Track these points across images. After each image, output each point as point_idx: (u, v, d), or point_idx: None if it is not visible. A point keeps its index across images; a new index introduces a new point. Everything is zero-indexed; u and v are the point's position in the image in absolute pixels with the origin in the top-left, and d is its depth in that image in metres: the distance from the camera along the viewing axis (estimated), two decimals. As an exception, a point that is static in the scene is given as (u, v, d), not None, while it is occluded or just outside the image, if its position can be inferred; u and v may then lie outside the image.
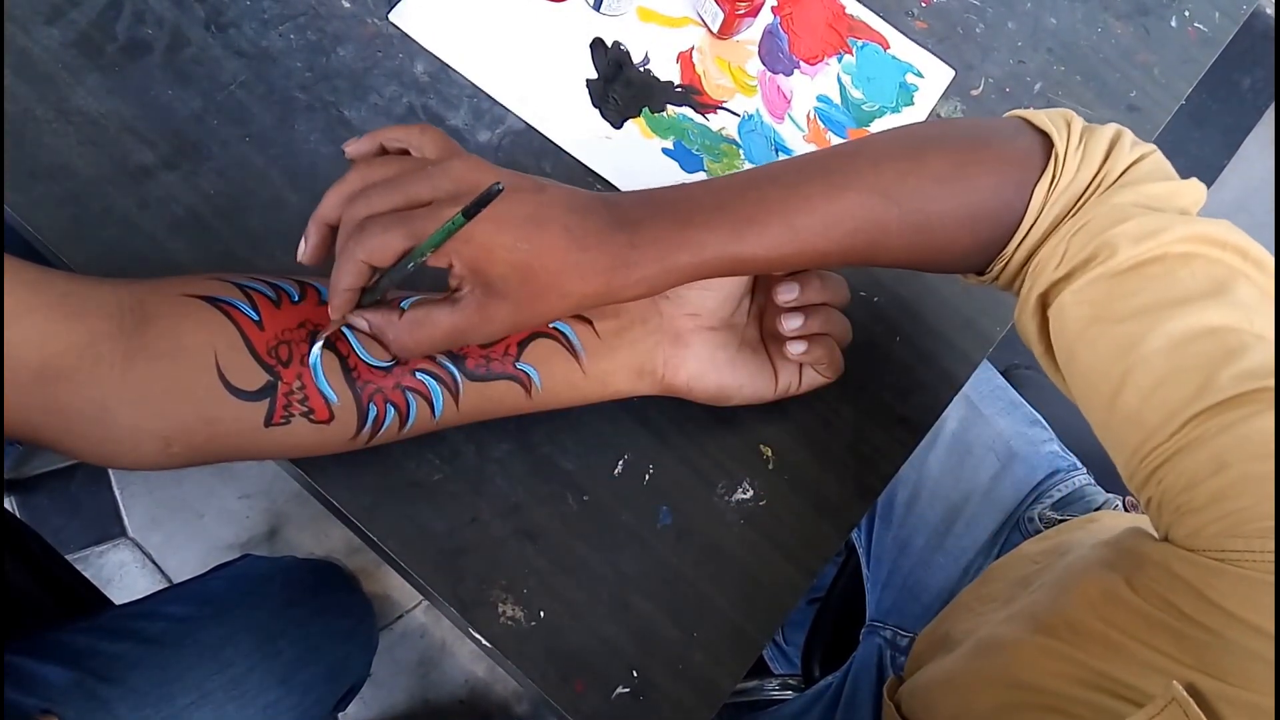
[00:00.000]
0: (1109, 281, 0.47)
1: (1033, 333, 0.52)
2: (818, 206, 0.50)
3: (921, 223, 0.50)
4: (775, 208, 0.50)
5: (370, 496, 0.60)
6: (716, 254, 0.49)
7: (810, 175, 0.51)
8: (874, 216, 0.50)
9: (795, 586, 0.62)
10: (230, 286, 0.52)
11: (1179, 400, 0.43)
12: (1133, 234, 0.46)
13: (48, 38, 0.64)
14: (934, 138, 0.53)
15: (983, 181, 0.50)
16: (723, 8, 0.69)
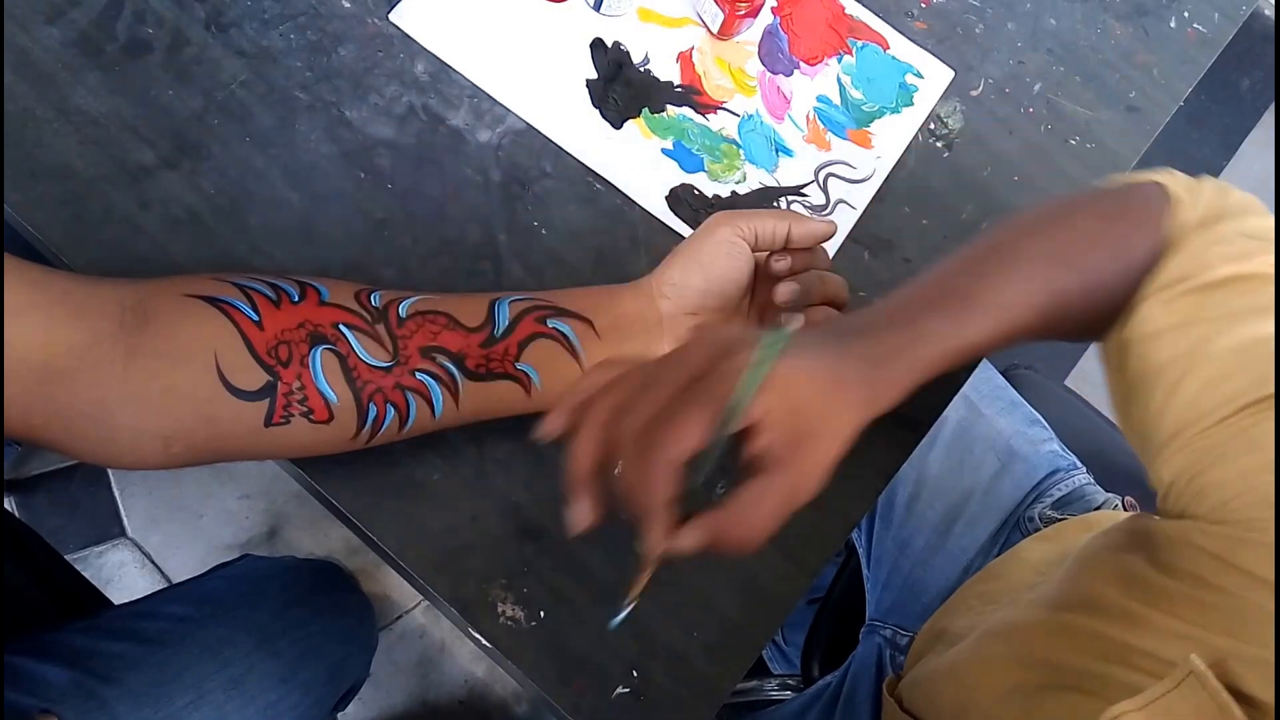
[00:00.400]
0: (1199, 294, 0.49)
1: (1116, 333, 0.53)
2: (1014, 283, 0.51)
3: (1093, 283, 0.52)
4: (981, 294, 0.51)
5: (370, 496, 0.60)
6: (947, 351, 0.49)
7: (997, 256, 0.53)
8: (1057, 282, 0.51)
9: (796, 586, 0.62)
10: (230, 287, 0.52)
11: (1235, 390, 0.45)
12: (1229, 255, 0.49)
13: (48, 37, 0.64)
14: (1072, 204, 0.56)
15: (1128, 232, 0.53)
16: (722, 8, 0.69)
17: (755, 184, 0.70)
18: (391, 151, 0.66)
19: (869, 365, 0.48)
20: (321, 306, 0.53)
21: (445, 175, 0.66)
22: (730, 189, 0.69)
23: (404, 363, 0.53)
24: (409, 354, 0.53)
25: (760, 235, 0.57)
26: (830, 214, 0.70)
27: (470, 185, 0.66)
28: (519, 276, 0.65)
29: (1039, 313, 0.51)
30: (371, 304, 0.54)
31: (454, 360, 0.54)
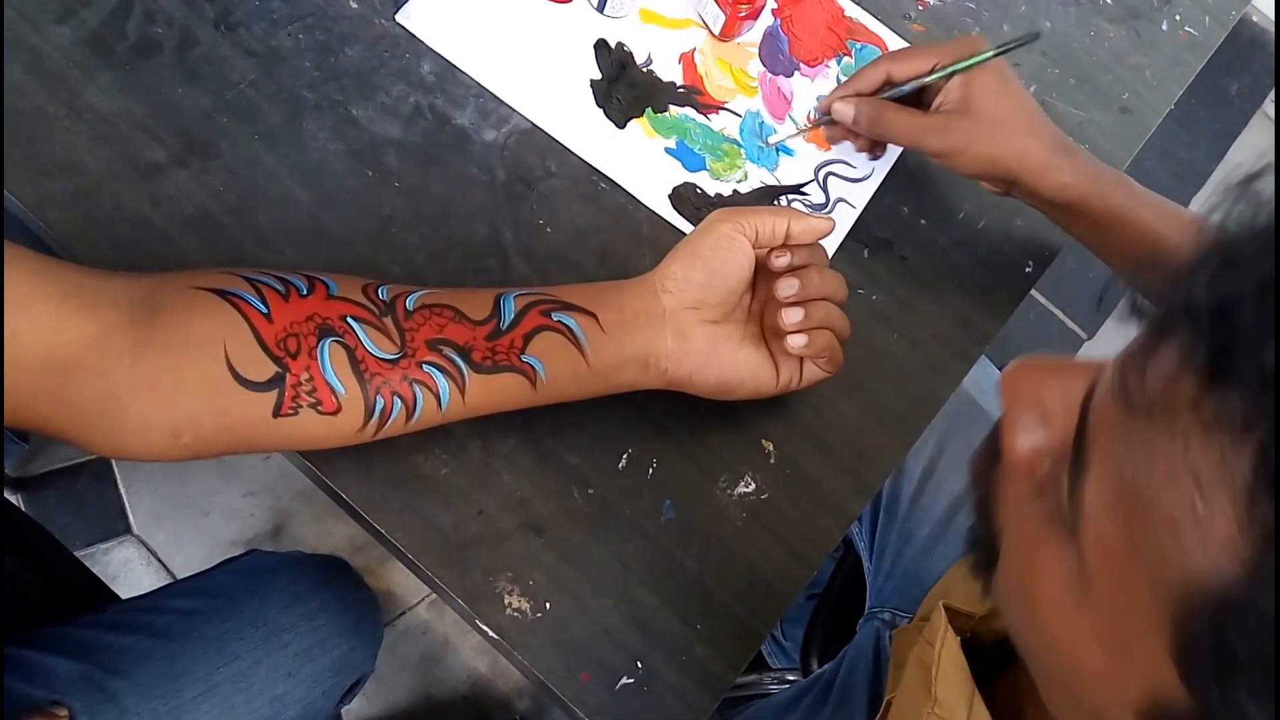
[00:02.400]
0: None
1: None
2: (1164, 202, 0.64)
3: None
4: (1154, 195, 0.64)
5: (378, 490, 0.60)
6: (1117, 196, 0.62)
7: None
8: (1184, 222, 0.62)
9: (796, 579, 0.63)
10: (239, 280, 0.53)
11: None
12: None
13: (59, 36, 0.65)
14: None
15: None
16: (724, 10, 0.70)
17: (756, 183, 0.71)
18: (398, 150, 0.67)
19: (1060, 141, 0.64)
20: (329, 300, 0.54)
21: (451, 174, 0.67)
22: (732, 187, 0.70)
23: (411, 355, 0.54)
24: (416, 346, 0.54)
25: (761, 232, 0.58)
26: (830, 213, 0.71)
27: (476, 184, 0.67)
28: (524, 274, 0.66)
29: (1176, 237, 0.60)
30: (379, 297, 0.55)
31: (460, 353, 0.55)
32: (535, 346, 0.56)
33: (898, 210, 0.72)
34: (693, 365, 0.58)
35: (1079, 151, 0.64)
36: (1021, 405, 0.36)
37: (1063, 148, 0.63)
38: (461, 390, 0.55)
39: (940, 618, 0.49)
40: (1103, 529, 0.29)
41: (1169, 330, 0.27)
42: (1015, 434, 0.35)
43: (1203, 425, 0.25)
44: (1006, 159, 0.62)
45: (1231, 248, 0.27)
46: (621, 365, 0.58)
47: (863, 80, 0.66)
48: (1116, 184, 0.63)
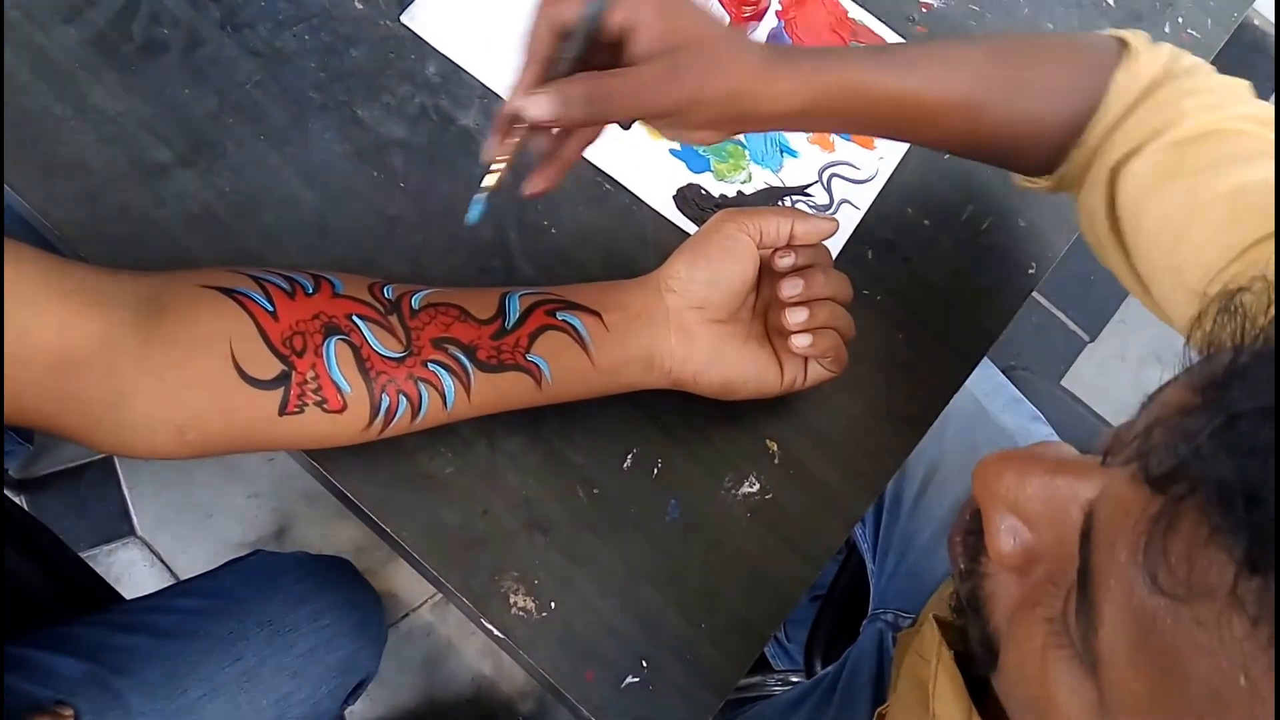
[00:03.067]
0: (1176, 149, 0.52)
1: (1100, 207, 0.57)
2: (941, 53, 0.56)
3: (1021, 88, 0.56)
4: (907, 51, 0.56)
5: (383, 489, 0.60)
6: (854, 76, 0.53)
7: (926, 43, 0.58)
8: (987, 73, 0.56)
9: (800, 579, 0.63)
10: (245, 278, 0.53)
11: (1238, 235, 0.48)
12: (1198, 107, 0.53)
13: (65, 36, 0.65)
14: (1026, 35, 0.63)
15: (1074, 59, 0.57)
16: (728, 11, 0.70)
17: (760, 184, 0.71)
18: (404, 151, 0.67)
19: (772, 50, 0.53)
20: (335, 298, 0.54)
21: (457, 174, 0.67)
22: (736, 189, 0.70)
23: (416, 353, 0.54)
24: (421, 345, 0.54)
25: (765, 232, 0.58)
26: (834, 213, 0.71)
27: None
28: (529, 274, 0.66)
29: (957, 93, 0.55)
30: (384, 296, 0.55)
31: (466, 351, 0.55)
32: (540, 346, 0.56)
33: (902, 211, 0.72)
34: (697, 365, 0.58)
35: (782, 46, 0.56)
36: (999, 508, 0.34)
37: (769, 49, 0.53)
38: (467, 389, 0.55)
39: (933, 632, 0.48)
40: (1125, 677, 0.27)
41: (1185, 499, 0.25)
42: (998, 538, 0.34)
43: (1244, 611, 0.24)
44: (736, 87, 0.50)
45: (1232, 396, 0.26)
46: (626, 364, 0.58)
47: (533, 51, 0.50)
48: (865, 64, 0.53)
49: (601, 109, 0.49)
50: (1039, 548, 0.33)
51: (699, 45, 0.49)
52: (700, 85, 0.49)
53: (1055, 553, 0.32)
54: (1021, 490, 0.33)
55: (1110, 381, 1.54)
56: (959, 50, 0.56)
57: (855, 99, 0.54)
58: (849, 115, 0.55)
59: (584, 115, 0.49)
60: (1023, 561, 0.34)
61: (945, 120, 0.56)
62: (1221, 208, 0.50)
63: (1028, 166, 0.61)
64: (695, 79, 0.49)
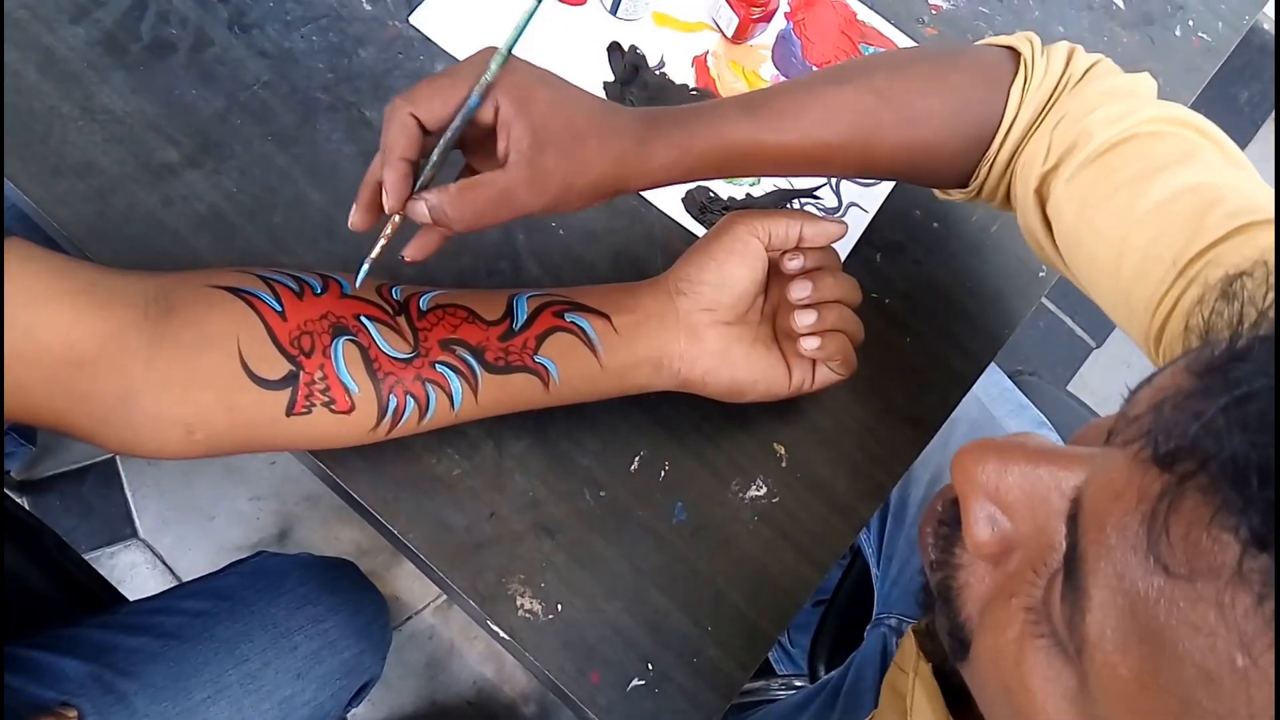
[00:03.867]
0: (1092, 165, 0.52)
1: (1039, 231, 0.56)
2: (819, 100, 0.55)
3: (911, 118, 0.56)
4: (782, 101, 0.55)
5: (390, 491, 0.60)
6: (731, 138, 0.53)
7: (810, 80, 0.56)
8: (870, 111, 0.55)
9: (807, 582, 0.63)
10: (254, 278, 0.53)
11: (1175, 248, 0.48)
12: (1106, 119, 0.52)
13: (73, 36, 0.65)
14: (914, 53, 0.60)
15: (963, 81, 0.56)
16: (737, 12, 0.70)
17: (769, 186, 0.71)
18: (411, 151, 0.67)
19: (641, 123, 0.52)
20: (344, 299, 0.54)
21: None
22: (745, 191, 0.70)
23: (424, 354, 0.54)
24: (429, 346, 0.54)
25: (774, 234, 0.58)
26: (843, 216, 0.71)
27: (488, 185, 0.67)
28: (536, 275, 0.66)
29: (841, 135, 0.55)
30: (393, 297, 0.55)
31: (473, 353, 0.55)
32: (548, 347, 0.56)
33: (910, 214, 0.72)
34: (705, 367, 0.58)
35: (658, 112, 0.54)
36: (979, 496, 0.33)
37: (644, 122, 0.52)
38: (474, 390, 0.55)
39: (910, 643, 0.47)
40: (1113, 661, 0.27)
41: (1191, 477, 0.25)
42: (977, 526, 0.33)
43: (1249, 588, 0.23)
44: (608, 170, 0.51)
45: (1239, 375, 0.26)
46: (634, 366, 0.58)
47: (393, 149, 0.49)
48: (742, 124, 0.53)
49: (472, 219, 0.50)
50: (1017, 537, 0.33)
51: (562, 144, 0.50)
52: (566, 184, 0.50)
53: (1035, 541, 0.32)
54: (1002, 478, 0.32)
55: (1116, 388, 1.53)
56: (842, 92, 0.55)
57: (736, 158, 0.54)
58: (732, 170, 0.55)
59: (458, 225, 0.50)
60: (1000, 550, 0.33)
61: (834, 161, 0.56)
62: (1151, 226, 0.49)
63: (933, 184, 0.62)
64: (560, 180, 0.50)
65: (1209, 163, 0.51)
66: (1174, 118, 0.52)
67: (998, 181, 0.58)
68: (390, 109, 0.49)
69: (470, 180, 0.50)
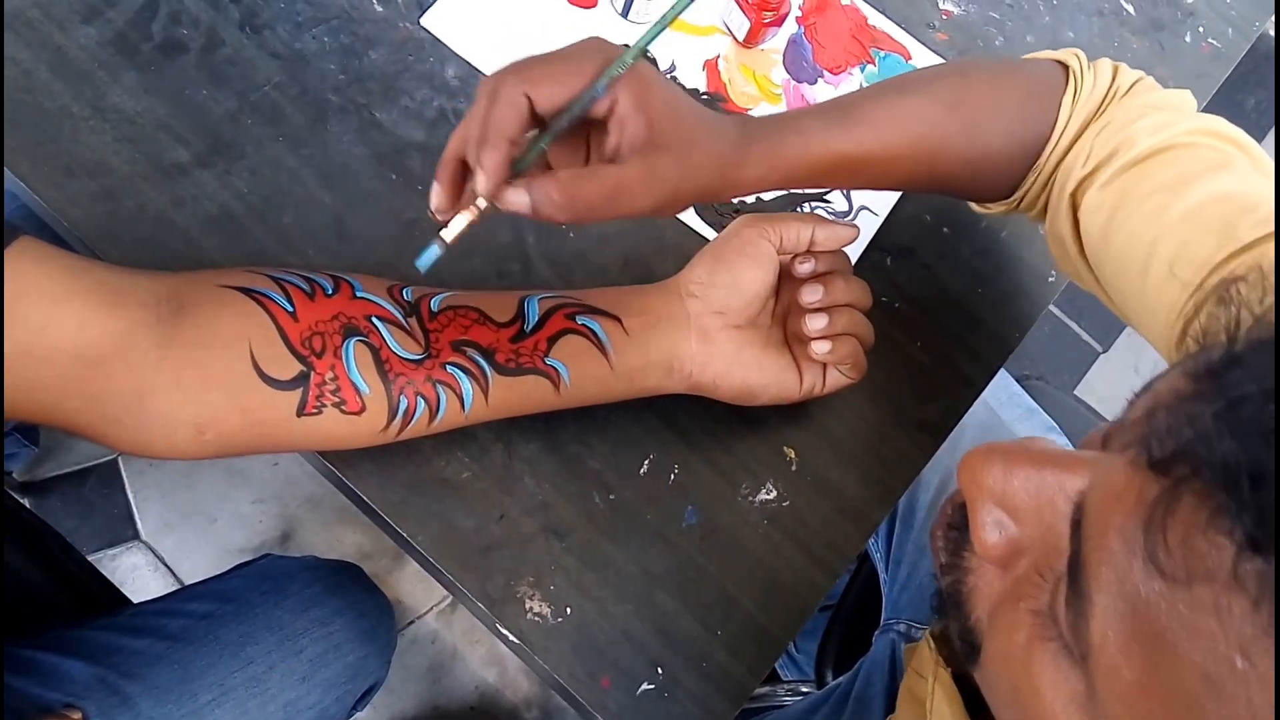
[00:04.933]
0: (1130, 172, 0.53)
1: (1067, 233, 0.57)
2: (890, 110, 0.55)
3: (976, 130, 0.56)
4: (860, 110, 0.55)
5: (400, 493, 0.60)
6: (817, 151, 0.53)
7: (885, 89, 0.57)
8: (938, 122, 0.56)
9: (817, 586, 0.63)
10: (265, 278, 0.53)
11: (1203, 255, 0.48)
12: (1149, 128, 0.53)
13: (85, 37, 0.65)
14: (974, 64, 0.62)
15: (1020, 94, 0.57)
16: (748, 16, 0.70)
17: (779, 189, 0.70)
18: (422, 154, 0.67)
19: (738, 130, 0.52)
20: (355, 299, 0.54)
21: (474, 177, 0.67)
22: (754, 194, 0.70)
23: (435, 356, 0.54)
24: (440, 347, 0.54)
25: (785, 238, 0.58)
26: (853, 219, 0.71)
27: (499, 187, 0.67)
28: (547, 277, 0.65)
29: (911, 143, 0.55)
30: (404, 298, 0.55)
31: (484, 354, 0.55)
32: (559, 349, 0.56)
33: (920, 218, 0.72)
34: (717, 370, 0.58)
35: (748, 121, 0.53)
36: (986, 501, 0.33)
37: (741, 132, 0.52)
38: (485, 392, 0.55)
39: (929, 649, 0.47)
40: (1117, 665, 0.27)
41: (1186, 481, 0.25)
42: (984, 530, 0.33)
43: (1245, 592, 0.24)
44: (711, 177, 0.50)
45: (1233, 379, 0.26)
46: (645, 369, 0.58)
47: (500, 127, 0.46)
48: (821, 131, 0.53)
49: (580, 212, 0.47)
50: (1025, 540, 0.33)
51: (677, 146, 0.48)
52: (676, 189, 0.49)
53: (1041, 545, 0.32)
54: (1008, 483, 0.32)
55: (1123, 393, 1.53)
56: (912, 102, 0.55)
57: (816, 167, 0.54)
58: (814, 182, 0.55)
59: (561, 216, 0.48)
60: (1008, 554, 0.33)
61: (902, 169, 0.56)
62: (1182, 230, 0.50)
63: (984, 197, 0.62)
64: (672, 184, 0.49)
65: (1242, 173, 0.52)
66: (1213, 130, 0.53)
67: (1040, 191, 0.59)
68: (497, 83, 0.46)
69: (581, 171, 0.47)
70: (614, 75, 0.47)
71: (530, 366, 0.56)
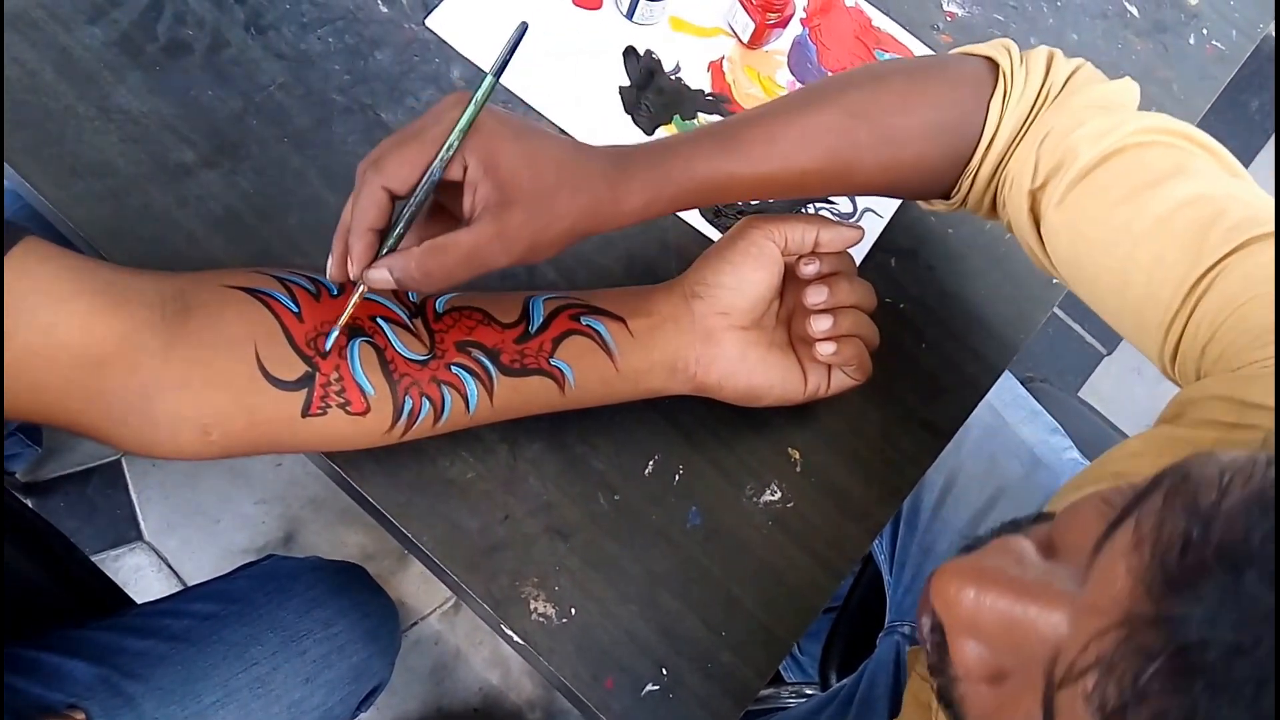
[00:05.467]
0: (1081, 185, 0.51)
1: (1038, 251, 0.56)
2: (794, 125, 0.54)
3: (889, 137, 0.55)
4: (756, 130, 0.54)
5: (404, 494, 0.60)
6: (705, 173, 0.52)
7: (785, 104, 0.55)
8: (846, 133, 0.54)
9: (822, 588, 0.62)
10: (270, 279, 0.53)
11: (1181, 270, 0.47)
12: (1090, 135, 0.51)
13: (90, 37, 0.65)
14: (891, 67, 0.59)
15: (941, 97, 0.55)
16: (753, 18, 0.70)
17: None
18: (426, 154, 0.67)
19: (612, 167, 0.51)
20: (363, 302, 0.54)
21: (479, 178, 0.67)
22: (759, 195, 0.70)
23: (440, 356, 0.54)
24: (445, 348, 0.54)
25: (790, 239, 0.58)
26: (857, 221, 0.71)
27: (503, 188, 0.67)
28: (551, 279, 0.66)
29: (819, 160, 0.54)
30: (409, 299, 0.55)
31: (489, 355, 0.55)
32: (564, 350, 0.56)
33: (924, 220, 0.72)
34: (721, 371, 0.58)
35: (627, 154, 0.52)
36: (958, 629, 0.32)
37: (615, 165, 0.52)
38: (489, 392, 0.55)
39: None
40: None
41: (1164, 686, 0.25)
42: (962, 655, 0.32)
43: None
44: (579, 220, 0.50)
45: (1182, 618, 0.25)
46: (650, 370, 0.58)
47: (362, 219, 0.48)
48: (715, 158, 0.52)
49: (441, 282, 0.49)
50: (1001, 662, 0.31)
51: (529, 201, 0.49)
52: (534, 239, 0.49)
53: (1022, 673, 0.31)
54: (980, 610, 0.31)
55: (1127, 395, 1.54)
56: (820, 116, 0.54)
57: (711, 192, 0.53)
58: (709, 202, 0.55)
59: (424, 288, 0.50)
60: (990, 675, 0.32)
61: (812, 184, 0.56)
62: (1152, 247, 0.49)
63: (911, 198, 0.61)
64: (528, 236, 0.49)
65: (1204, 172, 0.50)
66: (1161, 128, 0.52)
67: (981, 195, 0.58)
68: (361, 177, 0.49)
69: (435, 244, 0.48)
70: (448, 156, 0.48)
71: (535, 367, 0.56)
